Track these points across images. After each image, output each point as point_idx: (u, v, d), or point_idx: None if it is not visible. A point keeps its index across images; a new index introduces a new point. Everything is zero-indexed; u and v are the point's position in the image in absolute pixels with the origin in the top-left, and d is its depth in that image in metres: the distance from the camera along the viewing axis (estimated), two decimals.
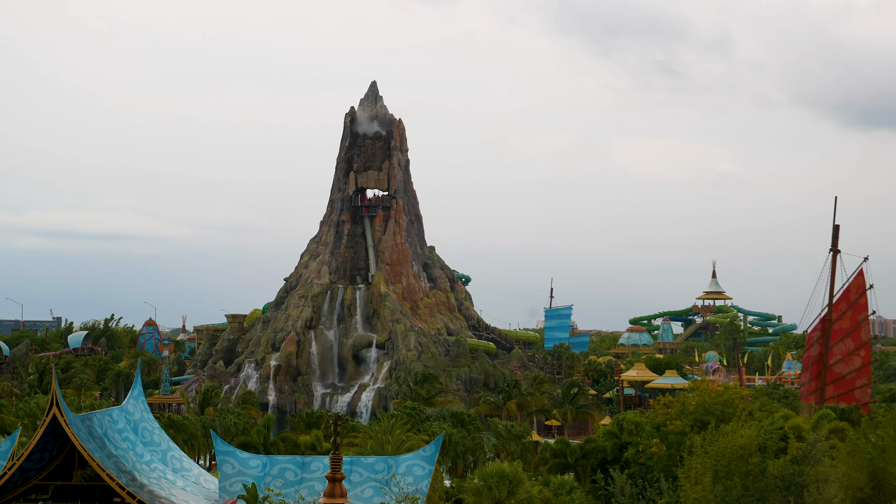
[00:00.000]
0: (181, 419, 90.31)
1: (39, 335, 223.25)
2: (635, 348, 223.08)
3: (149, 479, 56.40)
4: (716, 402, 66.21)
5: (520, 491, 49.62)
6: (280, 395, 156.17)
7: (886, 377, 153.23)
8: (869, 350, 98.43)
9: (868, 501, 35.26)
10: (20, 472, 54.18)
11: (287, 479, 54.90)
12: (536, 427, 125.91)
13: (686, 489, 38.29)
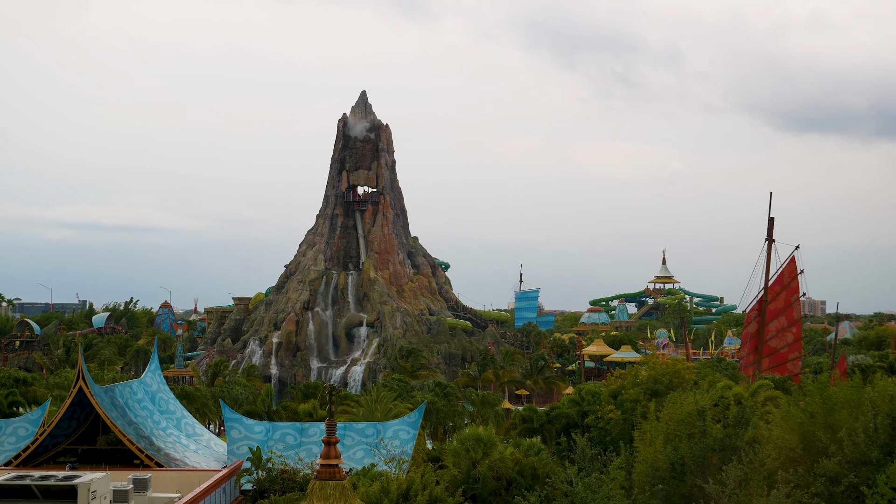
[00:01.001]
0: (193, 390, 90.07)
1: (67, 316, 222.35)
2: (595, 326, 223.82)
3: (165, 443, 56.30)
4: (665, 373, 66.48)
5: (493, 452, 49.69)
6: (281, 369, 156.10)
7: (815, 351, 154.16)
8: (800, 328, 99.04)
9: (798, 460, 35.37)
10: (50, 438, 54.02)
11: (288, 442, 54.92)
12: (508, 396, 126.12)
13: (640, 450, 38.34)
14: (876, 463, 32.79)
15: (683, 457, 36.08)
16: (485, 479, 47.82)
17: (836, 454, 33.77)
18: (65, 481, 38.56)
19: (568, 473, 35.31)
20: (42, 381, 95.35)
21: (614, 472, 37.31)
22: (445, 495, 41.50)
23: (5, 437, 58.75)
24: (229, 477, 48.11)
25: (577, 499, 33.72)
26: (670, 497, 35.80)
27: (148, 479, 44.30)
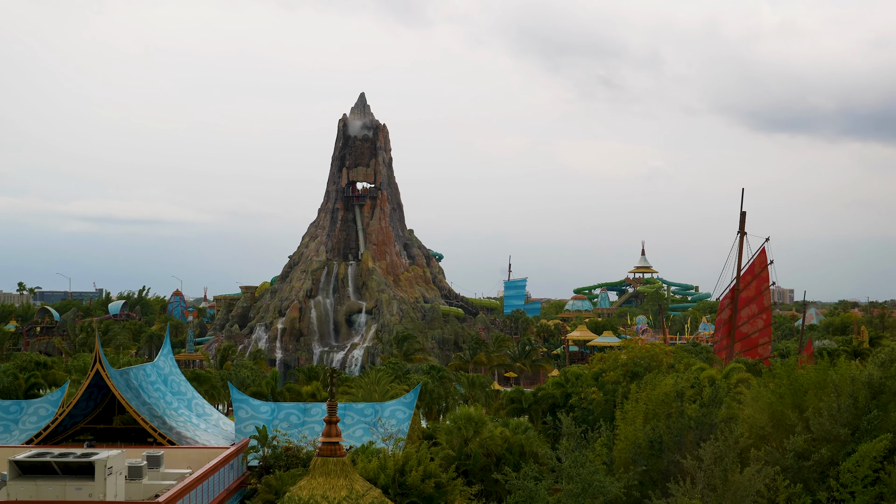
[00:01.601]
0: (203, 373, 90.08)
1: (84, 304, 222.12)
2: (578, 313, 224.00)
3: (177, 423, 56.28)
4: (644, 357, 66.60)
5: (484, 431, 49.76)
6: (285, 353, 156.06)
7: (783, 336, 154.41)
8: (769, 314, 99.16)
9: (768, 437, 35.53)
10: (69, 418, 53.98)
11: (291, 421, 54.91)
12: (497, 378, 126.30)
13: (621, 429, 38.45)
14: (841, 440, 32.94)
15: (661, 435, 36.19)
16: (476, 455, 47.91)
17: (804, 432, 33.91)
18: (83, 458, 38.55)
19: (557, 452, 35.40)
20: (61, 364, 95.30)
21: (598, 450, 37.41)
22: (439, 471, 41.56)
23: (27, 416, 58.73)
24: (237, 454, 48.16)
25: (564, 473, 33.82)
26: (649, 472, 35.93)
27: (161, 457, 44.31)
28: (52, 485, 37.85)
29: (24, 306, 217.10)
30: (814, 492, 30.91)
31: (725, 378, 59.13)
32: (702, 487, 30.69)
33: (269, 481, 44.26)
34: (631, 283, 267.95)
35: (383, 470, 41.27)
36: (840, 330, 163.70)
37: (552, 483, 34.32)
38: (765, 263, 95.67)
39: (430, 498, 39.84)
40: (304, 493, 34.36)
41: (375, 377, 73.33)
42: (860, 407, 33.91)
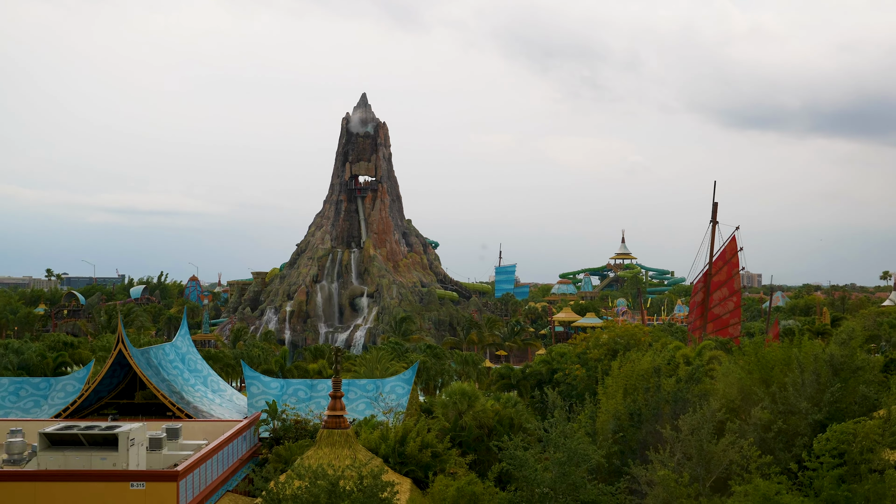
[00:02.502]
0: (218, 352, 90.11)
1: (108, 289, 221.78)
2: (564, 296, 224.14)
3: (193, 398, 56.28)
4: (624, 336, 66.67)
5: (476, 404, 49.83)
6: (293, 333, 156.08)
7: (752, 317, 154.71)
8: (739, 297, 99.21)
9: (738, 410, 35.60)
10: (94, 394, 53.97)
11: (299, 397, 54.92)
12: (489, 356, 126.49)
13: (603, 402, 38.51)
14: (804, 412, 33.02)
15: (640, 408, 36.27)
16: (469, 427, 47.98)
17: (770, 405, 34.01)
18: (107, 430, 38.53)
19: (544, 423, 35.43)
20: (87, 344, 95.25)
21: (582, 422, 37.48)
22: (435, 441, 41.64)
23: (55, 392, 58.72)
24: (249, 426, 48.18)
25: (550, 443, 33.88)
26: (629, 442, 36.01)
27: (179, 429, 44.31)
28: (78, 455, 37.85)
29: (52, 291, 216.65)
30: (782, 461, 30.98)
31: (698, 355, 59.21)
32: (679, 456, 30.76)
33: (279, 451, 44.33)
34: (612, 269, 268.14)
35: (384, 441, 41.33)
36: (804, 311, 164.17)
37: (539, 452, 34.40)
38: (735, 250, 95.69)
39: (427, 466, 39.93)
40: (311, 462, 34.42)
41: (377, 355, 73.38)
42: (822, 382, 34.01)
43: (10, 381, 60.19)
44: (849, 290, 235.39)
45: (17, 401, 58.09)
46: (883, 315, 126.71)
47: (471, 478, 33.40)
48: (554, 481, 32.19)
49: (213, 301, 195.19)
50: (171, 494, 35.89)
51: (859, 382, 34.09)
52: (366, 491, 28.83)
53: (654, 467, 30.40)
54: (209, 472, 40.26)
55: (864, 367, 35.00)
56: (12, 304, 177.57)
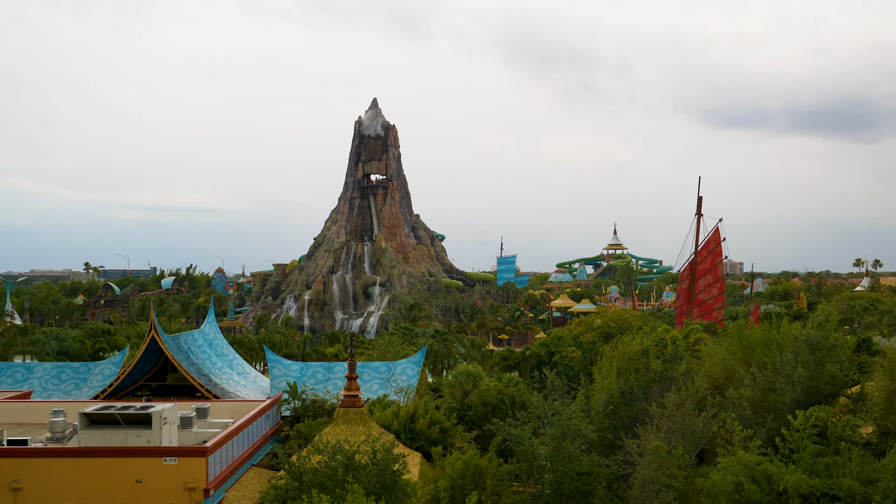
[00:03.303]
0: (242, 337, 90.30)
1: (141, 280, 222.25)
2: (560, 284, 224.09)
3: (220, 380, 56.47)
4: (616, 320, 66.69)
5: (480, 384, 49.90)
6: (312, 320, 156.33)
7: (734, 302, 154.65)
8: (722, 284, 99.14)
9: (721, 387, 35.60)
10: (129, 377, 54.20)
11: (318, 378, 55.06)
12: (492, 340, 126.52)
13: (597, 381, 38.53)
14: (782, 390, 33.03)
15: (632, 386, 36.28)
16: (474, 405, 48.07)
17: (751, 383, 34.02)
18: (141, 410, 38.70)
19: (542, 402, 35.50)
20: (122, 331, 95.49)
21: (578, 400, 37.54)
22: (443, 418, 41.75)
23: (94, 376, 58.99)
24: (272, 406, 48.35)
25: (545, 420, 33.96)
26: (621, 418, 36.05)
27: (208, 408, 44.48)
28: (115, 433, 38.04)
29: (90, 283, 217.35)
30: (762, 435, 31.01)
31: (685, 338, 59.24)
32: (665, 430, 30.81)
33: (299, 429, 44.48)
34: (605, 258, 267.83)
35: (396, 418, 41.44)
36: (783, 296, 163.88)
37: (538, 427, 34.48)
38: (718, 240, 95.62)
39: (435, 441, 40.04)
40: (329, 438, 34.56)
41: (388, 340, 73.50)
42: (800, 361, 34.00)
43: (52, 366, 60.51)
44: (824, 276, 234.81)
45: (59, 384, 58.41)
46: (856, 299, 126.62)
47: (475, 451, 33.50)
48: (550, 455, 32.29)
49: (237, 291, 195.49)
50: (200, 468, 36.08)
51: (832, 362, 34.07)
52: (379, 464, 28.96)
53: (646, 439, 30.46)
54: (235, 447, 40.44)
55: (838, 347, 34.98)
56: (54, 295, 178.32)
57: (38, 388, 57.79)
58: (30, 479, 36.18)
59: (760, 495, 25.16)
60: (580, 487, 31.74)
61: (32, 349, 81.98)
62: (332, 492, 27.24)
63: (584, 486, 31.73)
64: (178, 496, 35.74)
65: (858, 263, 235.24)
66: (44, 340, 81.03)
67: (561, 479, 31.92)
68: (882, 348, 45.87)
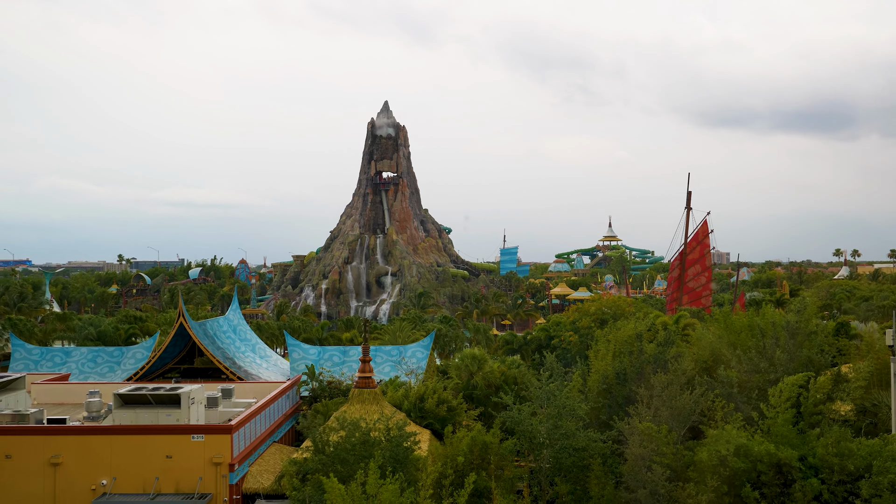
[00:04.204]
0: (264, 324, 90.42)
1: (170, 271, 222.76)
2: (559, 274, 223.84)
3: (244, 363, 56.60)
4: (611, 307, 66.66)
5: (485, 366, 49.95)
6: (329, 307, 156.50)
7: (721, 290, 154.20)
8: (710, 273, 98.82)
9: (710, 369, 35.58)
10: (160, 360, 54.36)
11: (334, 361, 55.16)
12: (495, 325, 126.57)
13: (594, 364, 38.52)
14: (764, 371, 32.98)
15: (625, 368, 36.25)
16: (479, 386, 48.13)
17: (736, 365, 33.96)
18: (171, 391, 38.85)
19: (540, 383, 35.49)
20: (153, 318, 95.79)
21: (574, 381, 37.52)
22: (450, 398, 41.78)
23: (127, 359, 59.18)
24: (291, 387, 48.48)
25: (542, 400, 33.97)
26: (616, 398, 36.04)
27: (232, 389, 44.62)
28: (147, 412, 38.20)
29: (123, 273, 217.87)
30: (745, 412, 30.98)
31: (675, 323, 59.14)
32: (655, 409, 30.79)
33: (317, 408, 44.57)
34: (600, 249, 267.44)
35: (406, 398, 41.51)
36: (766, 284, 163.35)
37: (537, 407, 34.47)
38: (706, 232, 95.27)
39: (443, 419, 40.09)
40: (346, 416, 34.63)
41: (399, 325, 73.56)
42: (780, 345, 33.94)
43: (88, 350, 60.73)
44: (805, 265, 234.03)
45: (94, 366, 58.62)
46: (835, 287, 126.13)
47: (479, 428, 33.54)
48: (549, 432, 32.30)
49: (259, 280, 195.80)
50: (226, 445, 36.22)
51: (809, 347, 33.99)
52: (393, 441, 29.01)
53: (637, 419, 30.44)
54: (258, 425, 40.57)
55: (816, 332, 34.90)
56: (89, 285, 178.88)
57: (76, 370, 58.05)
58: (68, 454, 36.38)
59: (742, 466, 25.10)
60: (577, 462, 31.75)
61: (70, 335, 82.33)
62: (351, 466, 27.26)
63: (581, 461, 31.73)
64: (205, 471, 35.90)
65: (838, 253, 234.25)
66: (80, 327, 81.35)
67: (559, 455, 31.94)
68: (860, 332, 45.74)
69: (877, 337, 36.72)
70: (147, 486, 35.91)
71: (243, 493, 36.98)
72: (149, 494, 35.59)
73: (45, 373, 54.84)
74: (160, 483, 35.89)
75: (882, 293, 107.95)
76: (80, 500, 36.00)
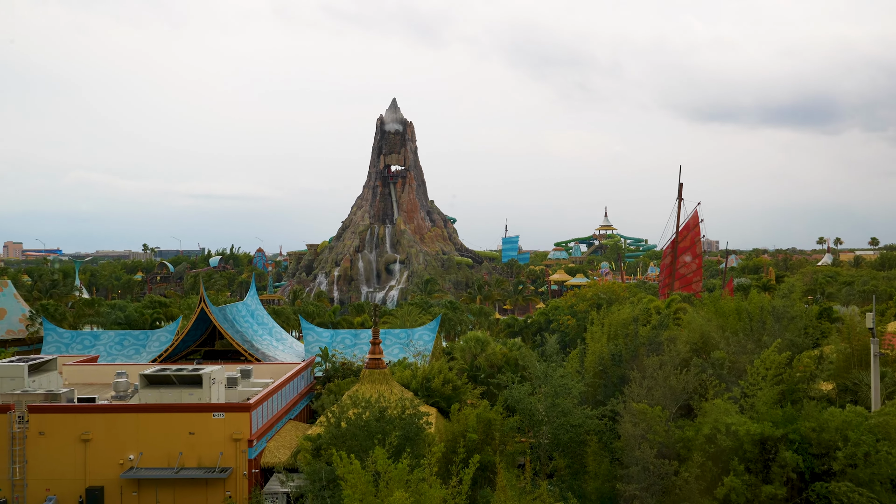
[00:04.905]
0: (280, 309, 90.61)
1: (191, 259, 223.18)
2: (558, 261, 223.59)
3: (261, 345, 56.79)
4: (606, 292, 66.59)
5: (488, 348, 50.05)
6: (341, 293, 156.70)
7: (711, 276, 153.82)
8: (700, 260, 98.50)
9: (699, 351, 35.55)
10: (182, 343, 54.58)
11: (346, 343, 55.32)
12: (498, 309, 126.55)
13: (590, 346, 38.53)
14: (751, 352, 32.94)
15: (621, 350, 36.26)
16: (482, 366, 48.22)
17: (725, 347, 33.93)
18: (193, 372, 39.02)
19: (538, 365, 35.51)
20: (176, 304, 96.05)
21: (571, 362, 37.54)
22: (455, 378, 41.90)
23: (152, 342, 59.45)
24: (306, 368, 48.65)
25: (539, 380, 34.02)
26: (611, 378, 36.07)
27: (251, 370, 44.80)
28: (171, 392, 38.40)
29: (148, 261, 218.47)
30: (734, 391, 30.98)
31: (667, 307, 59.03)
32: (648, 388, 30.80)
33: (330, 387, 44.76)
34: (597, 238, 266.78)
35: (414, 378, 41.63)
36: (753, 270, 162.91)
37: (536, 386, 34.54)
38: (697, 221, 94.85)
39: (449, 398, 40.21)
40: (357, 395, 34.74)
41: (407, 310, 73.72)
42: (767, 328, 33.90)
43: (115, 334, 61.02)
44: (790, 253, 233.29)
45: (121, 349, 58.92)
46: (818, 273, 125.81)
47: (485, 405, 33.62)
48: (547, 410, 32.37)
49: (275, 268, 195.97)
50: (245, 422, 36.38)
51: (792, 330, 33.92)
52: (406, 419, 29.08)
53: (630, 398, 30.45)
54: (275, 404, 40.74)
55: (799, 316, 34.84)
56: (116, 272, 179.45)
57: (104, 352, 58.33)
58: (97, 431, 36.60)
59: (728, 444, 25.11)
60: (574, 438, 31.82)
61: (98, 319, 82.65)
62: (362, 442, 27.32)
63: (578, 437, 31.80)
64: (225, 446, 36.09)
65: (821, 241, 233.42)
66: (108, 312, 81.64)
67: (557, 431, 32.01)
68: (841, 316, 45.67)
69: (857, 320, 36.62)
70: (171, 460, 36.11)
71: (261, 467, 37.18)
72: (173, 468, 35.80)
73: (76, 355, 55.12)
74: (183, 458, 36.09)
75: (862, 279, 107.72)
76: (109, 473, 36.24)
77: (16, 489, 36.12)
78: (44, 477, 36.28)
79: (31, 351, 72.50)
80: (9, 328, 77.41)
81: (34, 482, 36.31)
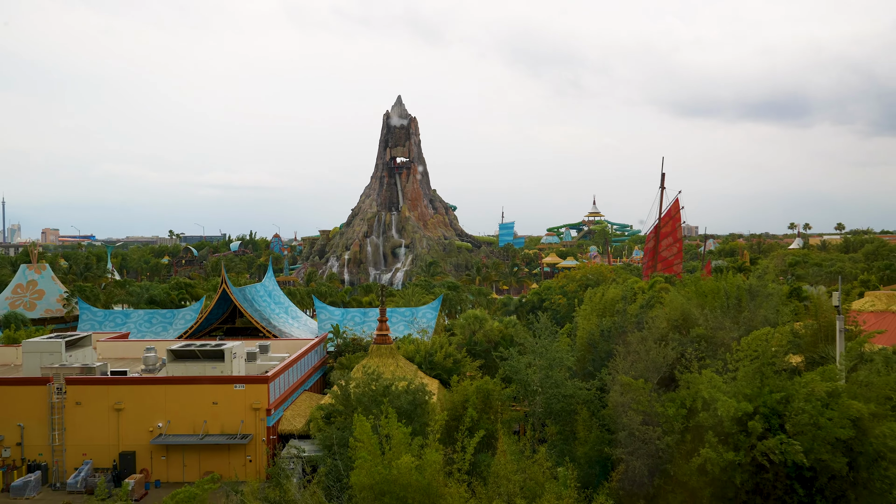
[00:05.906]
0: (295, 289, 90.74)
1: (214, 244, 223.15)
2: (550, 245, 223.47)
3: (278, 323, 56.90)
4: (594, 274, 66.51)
5: (486, 325, 50.12)
6: (351, 275, 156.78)
7: (690, 258, 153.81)
8: (681, 244, 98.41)
9: (679, 327, 35.53)
10: (206, 321, 54.70)
11: (356, 321, 55.44)
12: (495, 290, 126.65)
13: (580, 323, 38.53)
14: (727, 328, 32.90)
15: (609, 327, 36.25)
16: (480, 342, 48.30)
17: (704, 324, 33.90)
18: (216, 347, 39.11)
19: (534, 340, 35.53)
20: (199, 285, 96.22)
21: (562, 338, 37.55)
22: (456, 352, 41.97)
23: (178, 320, 59.55)
24: (319, 343, 48.78)
25: (536, 353, 34.03)
26: (599, 352, 36.10)
27: (268, 346, 44.90)
28: (195, 365, 38.50)
29: (174, 246, 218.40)
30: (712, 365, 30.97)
31: (651, 288, 59.02)
32: (632, 361, 30.81)
33: (341, 361, 44.89)
34: (586, 224, 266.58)
35: (418, 352, 41.71)
36: (729, 254, 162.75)
37: (532, 360, 34.57)
38: (678, 208, 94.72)
39: (450, 370, 40.30)
40: (366, 368, 34.80)
41: (412, 290, 73.76)
42: (742, 306, 33.85)
43: (145, 312, 61.14)
44: (764, 237, 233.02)
45: (150, 327, 59.07)
46: (789, 255, 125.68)
47: (486, 378, 33.69)
48: (541, 381, 32.42)
49: (291, 252, 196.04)
50: (263, 393, 36.51)
51: (766, 308, 33.87)
52: (411, 392, 29.14)
53: (616, 370, 30.47)
54: (291, 376, 40.87)
55: (772, 295, 34.78)
56: (145, 257, 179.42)
57: (134, 330, 58.46)
58: (129, 401, 36.74)
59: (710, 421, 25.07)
60: (565, 407, 31.88)
61: (129, 299, 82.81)
62: (369, 410, 27.42)
63: (569, 406, 31.86)
64: (245, 415, 36.23)
65: (792, 226, 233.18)
66: (138, 292, 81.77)
67: (550, 401, 32.07)
68: (810, 295, 45.64)
69: (824, 299, 36.62)
70: (196, 427, 36.28)
71: (279, 434, 37.34)
72: (198, 435, 35.96)
73: (108, 332, 55.27)
74: (208, 425, 36.24)
75: (829, 261, 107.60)
76: (140, 439, 36.42)
77: (55, 454, 36.35)
78: (80, 443, 36.48)
79: (68, 328, 72.69)
80: (47, 307, 77.61)
81: (72, 448, 36.50)
